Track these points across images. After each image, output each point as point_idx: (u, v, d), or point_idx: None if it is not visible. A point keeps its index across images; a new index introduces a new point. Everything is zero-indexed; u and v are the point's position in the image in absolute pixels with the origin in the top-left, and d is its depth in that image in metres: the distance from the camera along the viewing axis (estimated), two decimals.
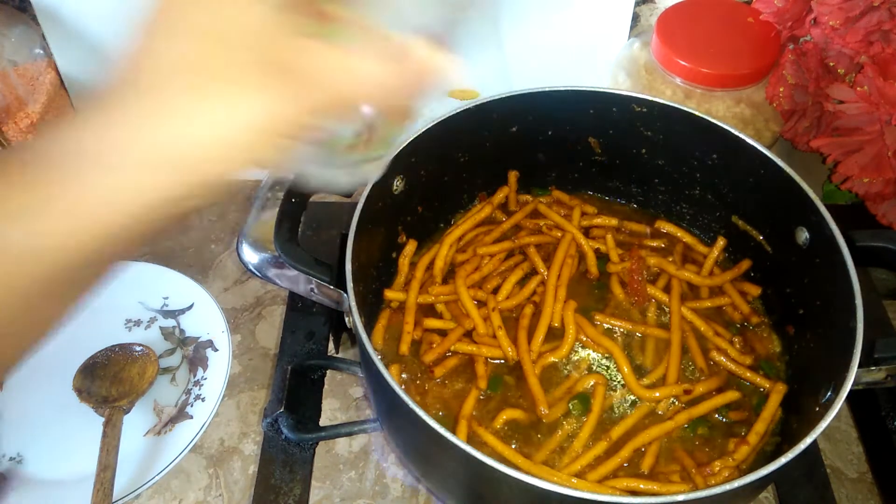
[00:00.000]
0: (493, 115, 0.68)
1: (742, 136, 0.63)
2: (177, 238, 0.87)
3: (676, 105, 0.66)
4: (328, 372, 0.72)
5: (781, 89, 0.72)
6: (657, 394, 0.61)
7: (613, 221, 0.73)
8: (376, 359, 0.51)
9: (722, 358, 0.63)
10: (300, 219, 0.57)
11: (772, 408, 0.60)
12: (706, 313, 0.67)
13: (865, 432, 0.70)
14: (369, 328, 0.65)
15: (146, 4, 0.31)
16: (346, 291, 0.54)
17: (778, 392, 0.60)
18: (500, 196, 0.74)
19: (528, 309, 0.66)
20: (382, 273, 0.68)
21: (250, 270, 0.57)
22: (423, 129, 0.64)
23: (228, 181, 0.32)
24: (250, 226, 0.57)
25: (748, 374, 0.63)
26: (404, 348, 0.64)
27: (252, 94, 0.29)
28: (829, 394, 0.53)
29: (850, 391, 0.50)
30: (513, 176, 0.74)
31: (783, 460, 0.47)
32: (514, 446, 0.58)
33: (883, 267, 0.59)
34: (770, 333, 0.67)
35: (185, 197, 0.32)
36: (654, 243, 0.72)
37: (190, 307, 0.78)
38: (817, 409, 0.53)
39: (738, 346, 0.64)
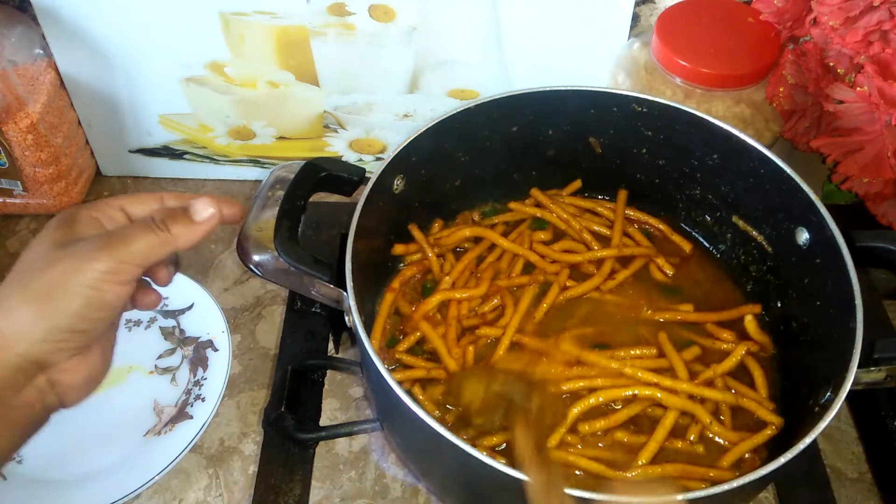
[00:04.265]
0: (494, 115, 0.68)
1: (742, 136, 0.63)
2: None
3: (677, 105, 0.66)
4: (328, 372, 0.72)
5: (781, 89, 0.72)
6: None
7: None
8: (376, 358, 0.51)
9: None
10: (300, 218, 0.57)
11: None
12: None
13: (865, 432, 0.70)
14: (369, 327, 0.65)
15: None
16: (345, 290, 0.54)
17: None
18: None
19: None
20: (382, 273, 0.68)
21: (250, 270, 0.57)
22: (424, 129, 0.64)
23: None
24: (250, 226, 0.57)
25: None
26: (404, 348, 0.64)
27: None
28: (828, 394, 0.53)
29: (850, 391, 0.50)
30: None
31: (783, 460, 0.47)
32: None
33: (883, 267, 0.59)
34: (769, 335, 0.66)
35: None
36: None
37: (190, 307, 0.78)
38: (817, 409, 0.53)
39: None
